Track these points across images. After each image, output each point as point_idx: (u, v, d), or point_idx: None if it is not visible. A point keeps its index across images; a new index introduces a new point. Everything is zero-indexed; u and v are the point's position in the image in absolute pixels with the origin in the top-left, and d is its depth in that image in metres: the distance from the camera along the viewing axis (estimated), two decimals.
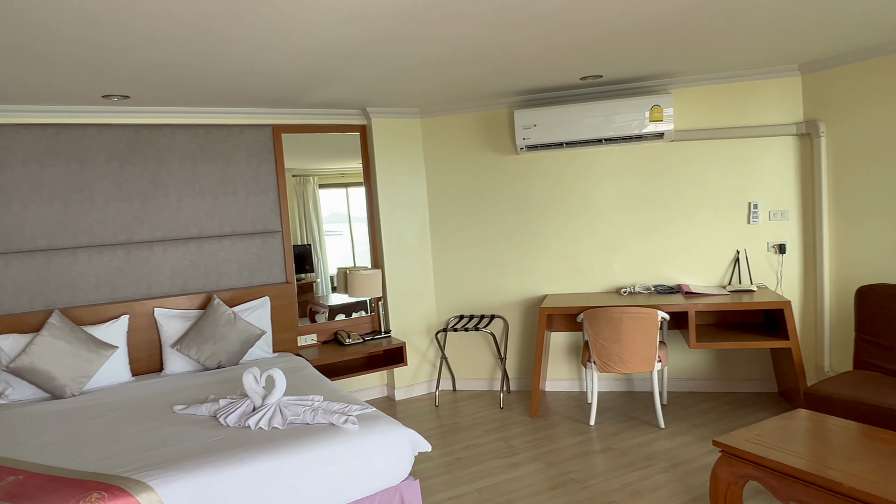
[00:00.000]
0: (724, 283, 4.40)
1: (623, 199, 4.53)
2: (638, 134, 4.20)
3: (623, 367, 3.81)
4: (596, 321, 3.82)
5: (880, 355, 3.31)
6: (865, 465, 2.22)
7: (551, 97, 4.54)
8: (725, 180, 4.33)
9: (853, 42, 3.55)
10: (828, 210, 4.09)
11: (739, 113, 4.27)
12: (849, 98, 3.90)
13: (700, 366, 4.51)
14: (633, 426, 3.91)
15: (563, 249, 4.67)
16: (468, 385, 4.96)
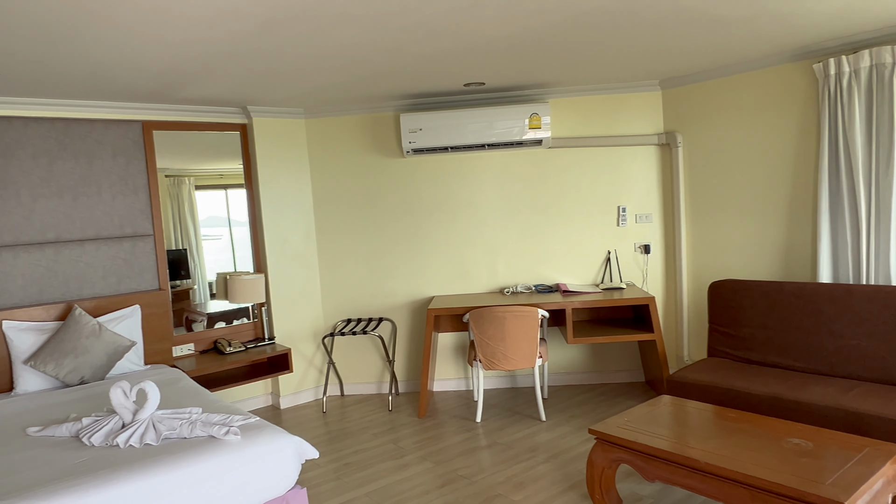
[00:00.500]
0: (598, 281, 4.70)
1: (506, 203, 4.70)
2: (519, 140, 4.38)
3: (507, 364, 3.95)
4: (481, 321, 3.94)
5: (729, 343, 3.69)
6: (718, 442, 2.47)
7: (437, 102, 4.62)
8: (598, 185, 4.64)
9: (705, 62, 3.94)
10: (685, 213, 4.50)
11: (609, 123, 4.58)
12: (702, 112, 4.32)
13: (577, 360, 4.79)
14: (516, 420, 4.06)
15: (449, 251, 4.76)
16: (357, 389, 4.91)
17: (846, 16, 3.06)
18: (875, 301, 3.15)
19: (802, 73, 3.79)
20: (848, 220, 3.55)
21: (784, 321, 3.45)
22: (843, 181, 3.55)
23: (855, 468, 2.15)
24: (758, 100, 4.01)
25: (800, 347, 3.37)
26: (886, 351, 3.07)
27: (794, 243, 3.91)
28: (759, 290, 3.58)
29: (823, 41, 3.56)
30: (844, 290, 3.26)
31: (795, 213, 3.89)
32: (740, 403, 3.12)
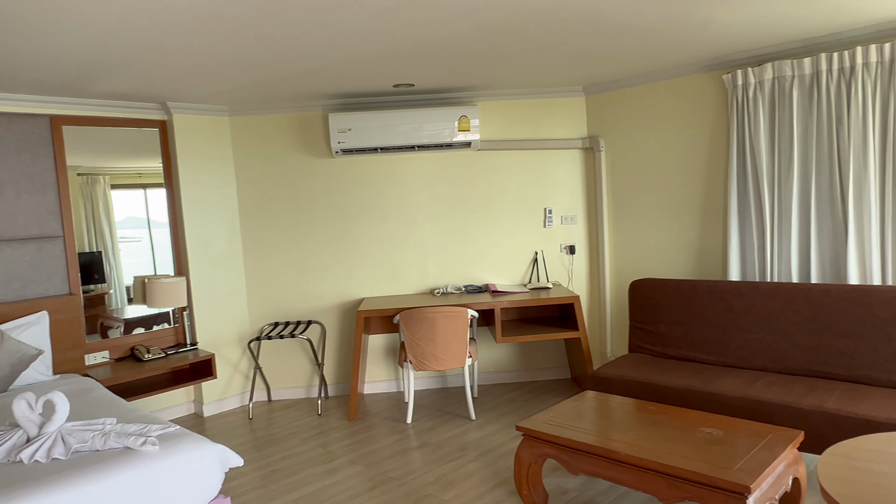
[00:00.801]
0: (525, 281, 4.81)
1: (436, 204, 4.73)
2: (448, 142, 4.42)
3: (437, 364, 3.98)
4: (411, 322, 3.94)
5: (649, 339, 3.86)
6: (638, 434, 2.58)
7: (366, 102, 4.59)
8: (525, 188, 4.74)
9: (625, 70, 4.11)
10: (608, 215, 4.67)
11: (536, 127, 4.70)
12: (623, 118, 4.50)
13: (506, 359, 4.87)
14: (447, 420, 4.09)
15: (380, 253, 4.74)
16: (285, 394, 4.80)
17: (751, 31, 3.27)
18: (778, 297, 3.38)
19: (714, 83, 4.01)
20: (754, 221, 3.79)
21: (698, 317, 3.65)
22: (750, 185, 3.79)
23: (760, 453, 2.30)
24: (674, 107, 4.22)
25: (712, 342, 3.57)
26: (788, 344, 3.30)
27: (707, 243, 4.14)
28: (676, 288, 3.77)
29: (732, 53, 3.79)
30: (751, 288, 3.48)
31: (708, 214, 4.12)
32: (658, 396, 3.27)
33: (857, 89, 3.36)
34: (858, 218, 3.41)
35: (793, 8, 2.91)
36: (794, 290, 3.33)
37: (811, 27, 3.28)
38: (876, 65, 3.31)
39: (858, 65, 3.34)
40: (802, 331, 3.26)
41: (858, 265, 3.42)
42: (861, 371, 3.05)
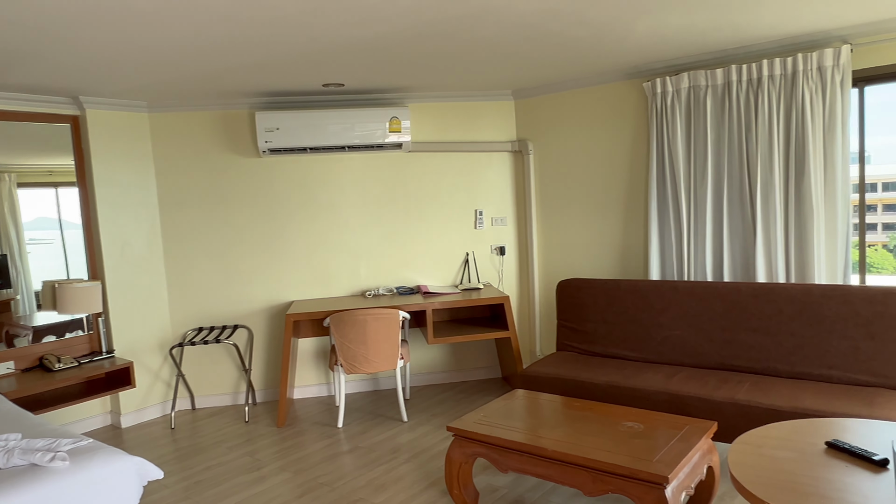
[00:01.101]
0: (457, 282, 4.85)
1: (367, 206, 4.69)
2: (379, 143, 4.40)
3: (369, 366, 3.94)
4: (342, 324, 3.89)
5: (576, 338, 3.97)
6: (564, 430, 2.65)
7: (295, 101, 4.50)
8: (456, 189, 4.78)
9: (552, 76, 4.22)
10: (536, 217, 4.78)
11: (467, 129, 4.75)
12: (550, 122, 4.61)
13: (438, 359, 4.90)
14: (379, 423, 4.07)
15: (309, 255, 4.65)
16: (210, 402, 4.64)
17: (668, 42, 3.43)
18: (694, 295, 3.55)
19: (635, 90, 4.18)
20: (672, 223, 3.98)
21: (621, 315, 3.79)
22: (669, 189, 3.97)
23: (677, 445, 2.41)
24: (598, 112, 4.36)
25: (634, 339, 3.71)
26: (703, 339, 3.48)
27: (630, 244, 4.31)
28: (601, 288, 3.90)
29: (651, 63, 3.96)
30: (670, 286, 3.65)
31: (630, 216, 4.29)
32: (584, 392, 3.37)
33: (763, 100, 3.59)
34: (765, 220, 3.64)
35: (705, 22, 3.07)
36: (709, 288, 3.52)
37: (722, 40, 3.47)
38: (780, 77, 3.54)
39: (765, 77, 3.57)
40: (716, 327, 3.45)
41: (766, 264, 3.65)
42: (768, 364, 3.26)
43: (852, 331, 3.05)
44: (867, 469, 1.74)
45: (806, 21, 3.16)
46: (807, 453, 1.88)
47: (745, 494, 1.68)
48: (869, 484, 1.65)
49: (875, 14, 3.09)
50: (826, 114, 3.43)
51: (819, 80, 3.44)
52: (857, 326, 3.04)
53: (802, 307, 3.20)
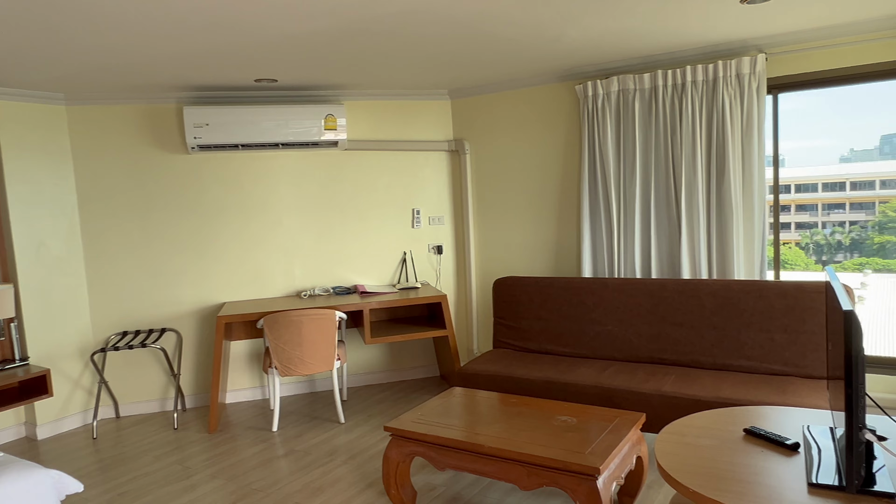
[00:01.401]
0: (394, 281, 4.83)
1: (302, 204, 4.61)
2: (314, 141, 4.32)
3: (304, 368, 3.87)
4: (276, 326, 3.81)
5: (512, 335, 4.04)
6: (500, 427, 2.69)
7: (226, 96, 4.36)
8: (393, 188, 4.76)
9: (487, 77, 4.27)
10: (473, 216, 4.82)
11: (403, 128, 4.74)
12: (486, 122, 4.66)
13: (376, 359, 4.86)
14: (315, 426, 4.00)
15: (242, 255, 4.52)
16: (136, 409, 4.43)
17: (598, 47, 3.54)
18: (624, 292, 3.68)
19: (568, 92, 4.29)
20: (604, 222, 4.10)
21: (556, 312, 3.87)
22: (600, 189, 4.09)
23: (608, 437, 2.49)
24: (533, 114, 4.45)
25: (568, 335, 3.81)
26: (632, 334, 3.61)
27: (564, 242, 4.41)
28: (536, 286, 3.97)
29: (583, 66, 4.07)
30: (601, 284, 3.77)
31: (564, 215, 4.39)
32: (520, 388, 3.43)
33: (687, 104, 3.75)
34: (689, 219, 3.81)
35: (632, 28, 3.18)
36: (637, 284, 3.65)
37: (649, 46, 3.61)
38: (702, 83, 3.71)
39: (688, 82, 3.74)
40: (644, 322, 3.58)
41: (690, 261, 3.82)
42: (692, 356, 3.41)
43: (767, 324, 3.24)
44: (781, 453, 1.85)
45: (725, 30, 3.33)
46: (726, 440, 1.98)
47: (671, 482, 1.76)
48: (782, 467, 1.76)
49: (786, 26, 3.29)
50: (744, 119, 3.63)
51: (737, 86, 3.63)
52: (772, 319, 3.23)
53: (723, 302, 3.37)
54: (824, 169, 6.25)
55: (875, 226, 6.58)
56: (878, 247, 6.40)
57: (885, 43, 3.29)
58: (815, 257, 6.16)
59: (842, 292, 1.73)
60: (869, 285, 6.32)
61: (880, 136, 6.50)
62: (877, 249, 6.40)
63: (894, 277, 6.17)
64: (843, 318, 1.51)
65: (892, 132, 6.43)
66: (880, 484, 1.60)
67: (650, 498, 2.85)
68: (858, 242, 6.60)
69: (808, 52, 3.50)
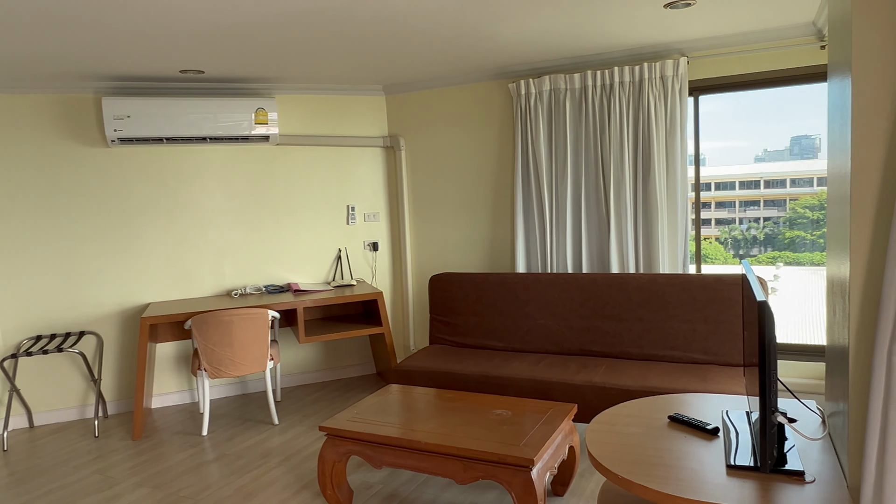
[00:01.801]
0: (329, 278, 4.76)
1: (233, 200, 4.46)
2: (245, 135, 4.20)
3: (235, 370, 3.76)
4: (205, 326, 3.68)
5: (447, 331, 4.06)
6: (438, 422, 2.70)
7: (149, 87, 4.17)
8: (327, 185, 4.69)
9: (422, 73, 4.26)
10: (409, 212, 4.81)
11: (338, 123, 4.67)
12: (421, 118, 4.66)
13: (311, 359, 4.78)
14: (247, 428, 3.90)
15: (168, 253, 4.34)
16: (52, 418, 4.18)
17: (531, 46, 3.61)
18: (556, 286, 3.77)
19: (501, 90, 4.34)
20: (536, 218, 4.19)
21: (490, 308, 3.93)
22: (533, 186, 4.17)
23: (542, 428, 2.55)
24: (468, 111, 4.48)
25: (503, 330, 3.87)
26: (565, 327, 3.70)
27: (498, 238, 4.47)
28: (471, 282, 4.01)
29: (516, 65, 4.14)
30: (534, 279, 3.84)
31: (498, 212, 4.45)
32: (457, 383, 3.46)
33: (615, 104, 3.88)
34: (618, 216, 3.94)
35: (562, 28, 3.26)
36: (569, 279, 3.75)
37: (579, 47, 3.71)
38: (629, 84, 3.85)
39: (616, 83, 3.86)
40: (576, 315, 3.68)
41: (618, 256, 3.95)
42: (621, 347, 3.54)
43: (690, 314, 3.40)
44: (702, 438, 1.95)
45: (649, 33, 3.46)
46: (652, 427, 2.06)
47: (601, 470, 1.81)
48: (704, 451, 1.85)
49: (707, 31, 3.45)
50: (668, 119, 3.79)
51: (662, 88, 3.78)
52: (694, 311, 3.39)
53: (649, 295, 3.51)
54: (741, 168, 6.63)
55: (786, 222, 6.98)
56: (789, 241, 6.84)
57: (798, 49, 3.51)
58: (732, 251, 6.53)
59: (756, 284, 1.83)
60: (781, 277, 6.73)
61: (790, 137, 7.00)
62: (788, 244, 6.81)
63: (804, 270, 6.53)
64: (758, 309, 1.61)
65: (800, 134, 6.92)
66: (791, 463, 1.70)
67: (582, 486, 2.93)
68: (771, 237, 6.99)
69: (727, 57, 3.69)
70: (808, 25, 3.41)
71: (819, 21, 3.30)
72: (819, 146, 7.04)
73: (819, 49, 3.46)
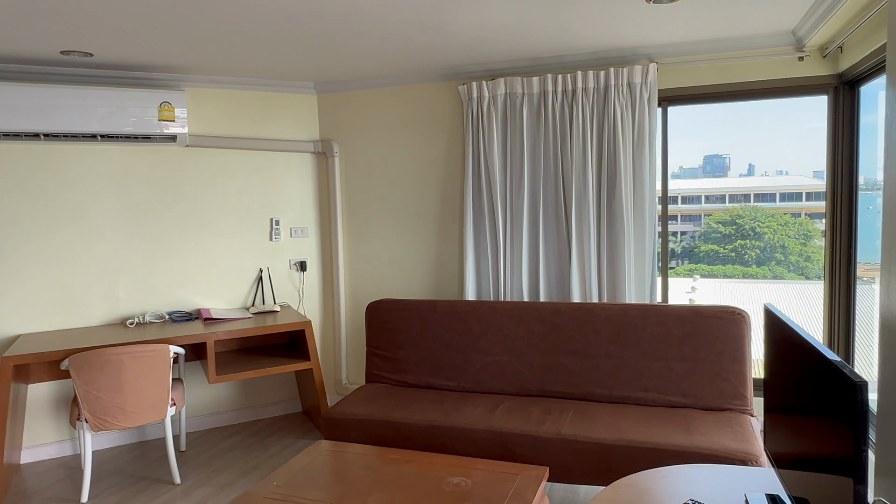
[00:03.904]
0: (248, 303, 4.10)
1: (130, 211, 3.74)
2: (146, 134, 3.51)
3: (126, 420, 3.06)
4: (87, 368, 2.96)
5: (387, 367, 3.50)
6: (379, 497, 2.15)
7: (19, 71, 3.41)
8: (248, 194, 4.04)
9: (360, 70, 3.71)
10: (343, 227, 4.23)
11: (261, 124, 4.04)
12: (358, 122, 4.10)
13: (224, 397, 4.09)
14: (141, 489, 3.19)
15: (45, 274, 3.56)
16: None
17: (485, 44, 3.14)
18: (513, 317, 3.30)
19: (451, 93, 3.86)
20: (489, 237, 3.71)
21: (437, 341, 3.41)
22: (485, 201, 3.70)
23: None
24: (412, 115, 3.96)
25: (452, 367, 3.35)
26: (523, 365, 3.23)
27: (445, 259, 3.97)
28: (415, 310, 3.48)
29: (468, 65, 3.66)
30: (489, 308, 3.36)
31: (445, 229, 3.95)
32: (400, 435, 2.91)
33: (578, 112, 3.47)
34: (580, 236, 3.52)
35: (523, 23, 2.81)
36: (528, 308, 3.29)
37: (539, 48, 3.28)
38: (593, 90, 3.45)
39: (579, 89, 3.46)
40: (536, 351, 3.22)
41: (580, 282, 3.54)
42: (588, 388, 3.10)
43: (665, 352, 3.00)
44: None
45: (615, 36, 3.07)
46: None
47: None
48: None
49: (677, 35, 3.10)
50: (636, 130, 3.41)
51: (629, 95, 3.40)
52: (670, 347, 3.00)
53: (619, 328, 3.09)
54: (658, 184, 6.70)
55: (701, 236, 7.43)
56: (704, 254, 7.24)
57: (774, 60, 3.22)
58: None
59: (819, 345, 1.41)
60: (698, 289, 7.28)
61: (703, 155, 7.44)
62: (702, 257, 7.24)
63: (717, 281, 7.17)
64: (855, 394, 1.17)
65: (713, 153, 7.38)
66: None
67: None
68: (688, 251, 7.38)
69: (698, 66, 3.36)
70: (787, 34, 3.12)
71: (801, 30, 3.01)
72: (729, 165, 7.55)
73: (797, 61, 3.18)
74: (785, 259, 14.94)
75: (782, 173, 9.48)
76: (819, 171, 14.37)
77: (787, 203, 17.73)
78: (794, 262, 15.05)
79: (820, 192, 16.84)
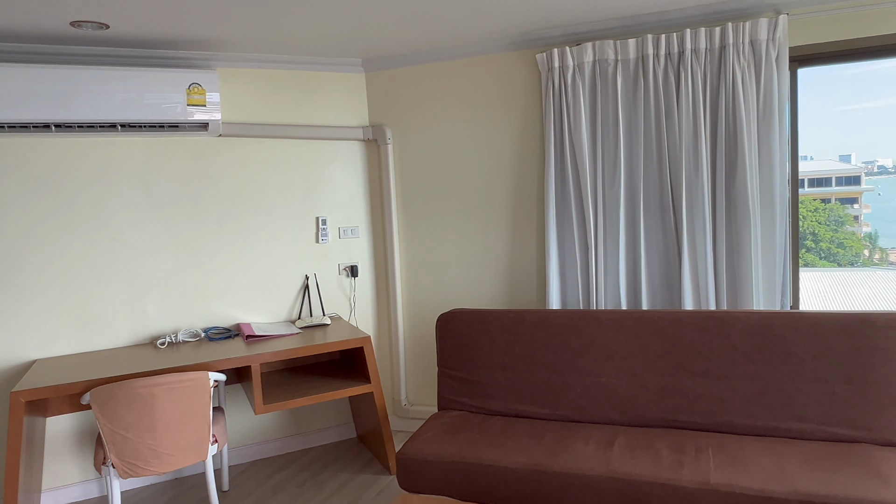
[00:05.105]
0: (294, 316, 3.57)
1: (156, 213, 3.23)
2: (173, 121, 2.99)
3: (160, 465, 2.54)
4: (112, 403, 2.44)
5: (464, 391, 2.94)
6: None
7: (23, 50, 2.90)
8: (290, 190, 3.50)
9: (414, 41, 3.14)
10: (398, 226, 3.68)
11: (302, 108, 3.50)
12: (413, 103, 3.54)
13: (268, 425, 3.57)
14: None
15: (62, 288, 3.06)
16: None
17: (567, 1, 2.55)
18: (621, 329, 2.71)
19: (525, 63, 3.28)
20: (577, 233, 3.13)
21: (527, 359, 2.83)
22: (571, 190, 3.12)
23: None
24: (477, 91, 3.39)
25: (546, 391, 2.78)
26: (636, 388, 2.64)
27: (520, 261, 3.39)
28: (498, 322, 2.90)
29: (545, 28, 3.08)
30: (591, 318, 2.77)
31: (520, 226, 3.38)
32: (496, 482, 2.34)
33: (686, 79, 2.87)
34: (692, 230, 2.92)
35: None
36: (641, 319, 2.69)
37: (636, 3, 2.68)
38: (705, 52, 2.85)
39: (688, 50, 2.85)
40: (652, 371, 2.63)
41: (692, 286, 2.94)
42: (722, 417, 2.50)
43: (825, 371, 2.39)
44: None
45: None
46: None
47: None
48: None
49: None
50: (761, 98, 2.80)
51: (752, 56, 2.79)
52: (831, 366, 2.38)
53: (762, 342, 2.49)
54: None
55: None
56: None
57: None
58: None
59: None
60: None
61: None
62: None
63: None
64: None
65: None
66: None
67: None
68: None
69: (838, 14, 2.73)
70: None
71: None
72: None
73: None
74: (815, 246, 13.91)
75: (806, 159, 8.70)
76: (845, 156, 13.87)
77: (816, 189, 16.40)
78: (825, 248, 14.04)
79: (850, 177, 16.39)
